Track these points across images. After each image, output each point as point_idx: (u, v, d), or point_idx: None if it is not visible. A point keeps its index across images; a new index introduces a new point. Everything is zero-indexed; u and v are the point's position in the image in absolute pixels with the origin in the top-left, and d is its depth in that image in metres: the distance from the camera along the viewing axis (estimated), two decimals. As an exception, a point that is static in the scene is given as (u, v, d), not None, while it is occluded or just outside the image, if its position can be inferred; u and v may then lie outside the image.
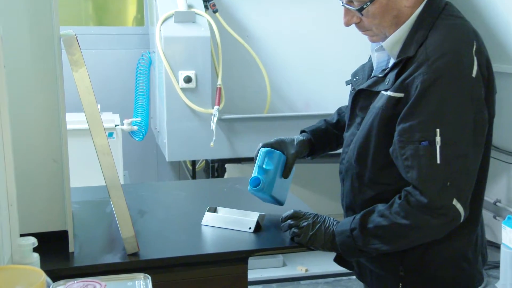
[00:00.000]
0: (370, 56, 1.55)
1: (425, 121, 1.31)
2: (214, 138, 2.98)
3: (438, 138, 1.29)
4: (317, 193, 3.76)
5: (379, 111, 1.38)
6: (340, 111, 1.76)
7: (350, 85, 1.58)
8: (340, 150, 1.59)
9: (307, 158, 1.72)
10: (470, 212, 1.36)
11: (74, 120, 2.81)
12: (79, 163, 2.66)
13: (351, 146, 1.49)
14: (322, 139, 1.70)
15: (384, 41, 1.42)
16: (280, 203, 1.66)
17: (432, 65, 1.31)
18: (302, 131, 1.73)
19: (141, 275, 1.05)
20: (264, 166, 1.59)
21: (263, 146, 1.63)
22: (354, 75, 1.58)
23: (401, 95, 1.35)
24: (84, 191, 1.94)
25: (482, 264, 1.48)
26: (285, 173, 1.62)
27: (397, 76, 1.38)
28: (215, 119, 2.97)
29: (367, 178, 1.44)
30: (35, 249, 1.15)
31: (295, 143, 1.64)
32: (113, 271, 1.32)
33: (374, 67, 1.50)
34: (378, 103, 1.40)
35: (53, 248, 1.39)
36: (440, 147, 1.29)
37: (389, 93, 1.37)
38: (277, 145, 1.63)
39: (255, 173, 1.60)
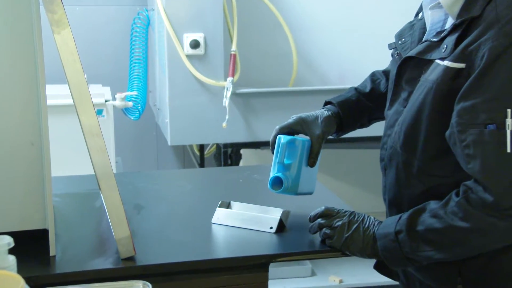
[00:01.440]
0: (421, 14, 1.53)
1: (492, 99, 1.30)
2: (227, 117, 2.99)
3: (509, 121, 1.28)
4: (353, 185, 3.76)
5: (432, 85, 1.38)
6: (374, 78, 1.75)
7: (393, 50, 1.58)
8: (372, 130, 1.57)
9: (334, 136, 1.72)
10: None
11: (56, 94, 2.83)
12: (62, 146, 2.69)
13: (396, 128, 1.49)
14: (353, 113, 1.70)
15: (442, -5, 1.41)
16: (308, 194, 1.67)
17: (504, 28, 1.29)
18: (327, 103, 1.73)
19: (140, 282, 1.06)
20: (285, 161, 1.59)
21: (280, 131, 1.63)
22: (399, 36, 1.56)
23: (462, 65, 1.34)
24: (68, 181, 1.96)
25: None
26: (312, 161, 1.62)
27: (457, 42, 1.36)
28: (229, 93, 2.97)
29: (417, 168, 1.44)
30: (10, 251, 1.16)
31: (320, 121, 1.64)
32: (103, 279, 1.33)
33: (427, 29, 1.49)
34: (431, 75, 1.39)
35: (30, 251, 1.40)
36: (512, 131, 1.28)
37: (446, 62, 1.36)
38: (298, 127, 1.63)
39: (274, 170, 1.61)
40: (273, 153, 1.62)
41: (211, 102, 3.06)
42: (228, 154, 3.36)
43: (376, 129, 1.86)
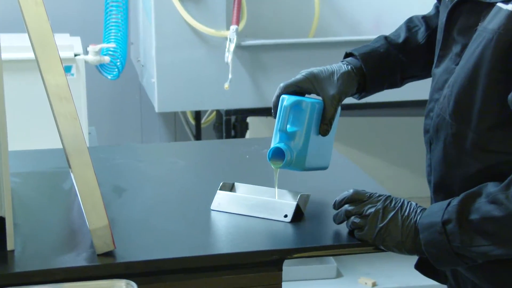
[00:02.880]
0: None
1: None
2: (230, 76, 2.99)
3: None
4: (389, 162, 3.76)
5: (493, 36, 1.37)
6: (410, 25, 1.75)
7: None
8: (415, 92, 1.58)
9: (356, 97, 1.72)
10: None
11: (12, 46, 2.83)
12: (22, 113, 2.69)
13: (445, 91, 1.49)
14: (380, 68, 1.69)
15: None
16: (321, 168, 1.68)
17: None
18: (348, 55, 1.73)
19: (123, 282, 1.07)
20: (287, 128, 1.60)
21: (285, 90, 1.63)
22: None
23: (533, 10, 1.35)
24: (29, 157, 1.98)
25: None
26: (324, 129, 1.62)
27: (526, -21, 1.37)
28: (232, 46, 2.97)
29: (471, 141, 1.44)
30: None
31: (336, 77, 1.63)
32: (75, 279, 1.34)
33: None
34: (492, 23, 1.39)
35: (-18, 244, 1.41)
36: None
37: (511, 6, 1.36)
38: (308, 85, 1.62)
39: (275, 139, 1.61)
40: (275, 118, 1.63)
41: (209, 57, 3.06)
42: (232, 124, 3.36)
43: (420, 91, 1.86)
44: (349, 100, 1.72)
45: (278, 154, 1.59)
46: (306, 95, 1.64)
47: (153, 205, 1.68)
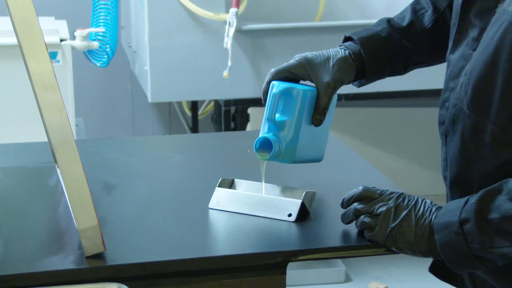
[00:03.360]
0: None
1: None
2: (229, 63, 2.99)
3: None
4: (401, 157, 3.76)
5: (514, 18, 1.39)
6: (417, 6, 1.74)
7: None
8: (429, 80, 1.58)
9: (355, 85, 1.72)
10: None
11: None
12: (2, 103, 2.70)
13: (462, 78, 1.49)
14: (380, 54, 1.69)
15: None
16: (314, 161, 1.68)
17: None
18: (347, 39, 1.72)
19: (114, 285, 1.07)
20: (276, 117, 1.60)
21: (275, 76, 1.63)
22: None
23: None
24: (11, 151, 1.97)
25: None
26: (317, 119, 1.62)
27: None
28: (232, 30, 2.97)
29: (490, 134, 1.44)
30: None
31: (332, 63, 1.63)
32: (61, 283, 1.34)
33: None
34: (512, 4, 1.40)
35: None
36: None
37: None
38: (301, 70, 1.62)
39: (263, 129, 1.61)
40: (265, 105, 1.63)
41: (207, 42, 3.06)
42: (231, 115, 3.36)
43: (434, 79, 1.86)
44: (356, 89, 1.72)
45: (265, 145, 1.58)
46: (301, 82, 1.65)
47: (146, 203, 1.68)
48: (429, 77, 1.79)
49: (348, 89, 1.75)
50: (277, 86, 1.60)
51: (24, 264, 1.40)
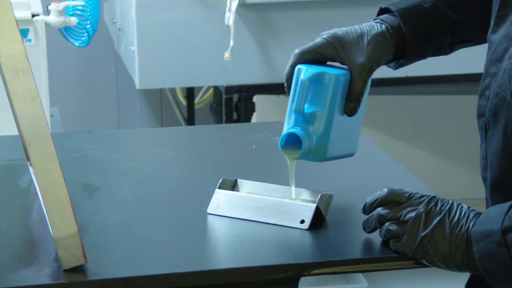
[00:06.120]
0: None
1: None
2: (231, 43, 2.99)
3: None
4: (433, 154, 3.77)
5: None
6: None
7: None
8: (463, 64, 1.56)
9: (391, 66, 1.70)
10: None
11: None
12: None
13: (505, 63, 1.47)
14: (424, 29, 1.67)
15: None
16: (346, 156, 1.67)
17: None
18: (383, 10, 1.70)
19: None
20: (305, 108, 1.58)
21: (301, 58, 1.61)
22: None
23: None
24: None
25: None
26: (350, 107, 1.61)
27: None
28: (235, 4, 2.97)
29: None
30: None
31: (366, 41, 1.62)
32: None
33: None
34: None
35: None
36: None
37: None
38: (331, 51, 1.60)
39: (289, 123, 1.59)
40: (289, 94, 1.60)
41: (205, 18, 3.07)
42: (234, 104, 3.37)
43: (472, 62, 1.84)
44: (382, 74, 1.70)
45: (293, 142, 1.57)
46: (328, 64, 1.63)
47: (133, 208, 1.67)
48: (467, 59, 1.78)
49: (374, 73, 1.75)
50: (305, 72, 1.57)
51: (-7, 277, 1.37)
